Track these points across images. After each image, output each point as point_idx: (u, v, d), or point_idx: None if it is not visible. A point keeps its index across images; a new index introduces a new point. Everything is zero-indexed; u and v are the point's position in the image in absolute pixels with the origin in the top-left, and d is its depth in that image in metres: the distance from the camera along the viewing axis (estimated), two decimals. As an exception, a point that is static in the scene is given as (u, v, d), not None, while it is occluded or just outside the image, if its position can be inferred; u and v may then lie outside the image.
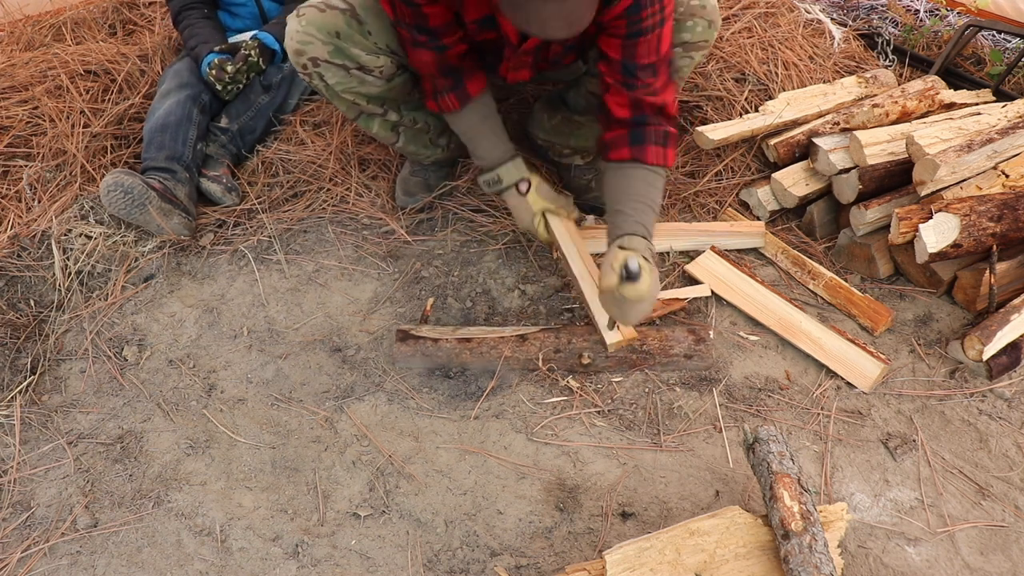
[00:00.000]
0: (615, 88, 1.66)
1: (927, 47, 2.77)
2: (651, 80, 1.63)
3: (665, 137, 1.69)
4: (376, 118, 1.95)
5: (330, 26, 1.71)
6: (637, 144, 1.68)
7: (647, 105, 1.65)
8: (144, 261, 2.06)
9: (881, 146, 2.02)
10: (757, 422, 1.72)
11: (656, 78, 1.64)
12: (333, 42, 1.72)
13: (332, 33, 1.71)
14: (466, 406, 1.76)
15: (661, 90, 1.66)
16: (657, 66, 1.63)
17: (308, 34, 1.71)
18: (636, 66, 1.61)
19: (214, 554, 1.52)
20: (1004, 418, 1.73)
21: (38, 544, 1.53)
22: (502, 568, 1.47)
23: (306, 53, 1.73)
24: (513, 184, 1.89)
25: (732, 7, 2.58)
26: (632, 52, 1.60)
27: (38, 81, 2.41)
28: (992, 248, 1.87)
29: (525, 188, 1.90)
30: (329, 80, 1.77)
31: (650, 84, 1.64)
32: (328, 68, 1.75)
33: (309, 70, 1.76)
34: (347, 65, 1.76)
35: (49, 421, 1.75)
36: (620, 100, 1.67)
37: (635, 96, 1.64)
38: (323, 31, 1.71)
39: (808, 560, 1.25)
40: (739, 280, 1.98)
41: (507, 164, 1.88)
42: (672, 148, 1.71)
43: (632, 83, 1.63)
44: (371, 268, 2.06)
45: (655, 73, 1.63)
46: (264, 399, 1.79)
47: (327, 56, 1.73)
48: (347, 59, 1.75)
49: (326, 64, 1.74)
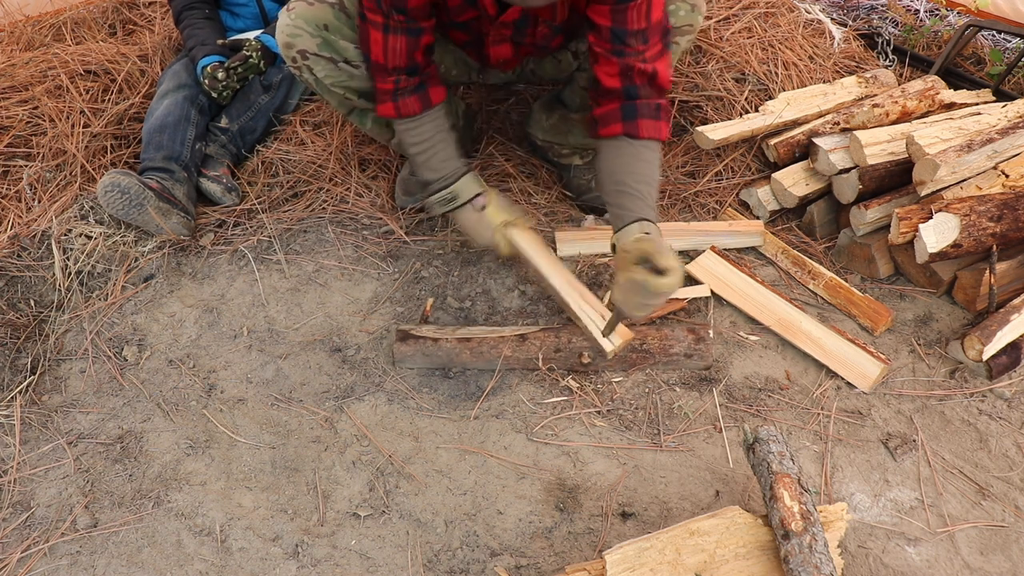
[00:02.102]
0: (604, 57, 1.63)
1: (927, 47, 2.77)
2: (641, 47, 1.60)
3: (657, 110, 1.65)
4: (368, 114, 1.95)
5: (319, 19, 1.71)
6: (629, 119, 1.64)
7: (637, 72, 1.61)
8: (144, 261, 2.06)
9: (881, 146, 2.02)
10: (757, 422, 1.72)
11: (647, 46, 1.60)
12: (321, 35, 1.72)
13: (320, 26, 1.71)
14: (466, 406, 1.76)
15: (652, 59, 1.62)
16: (648, 33, 1.59)
17: (297, 27, 1.71)
18: (626, 32, 1.58)
19: (214, 554, 1.52)
20: (1004, 418, 1.73)
21: (38, 544, 1.53)
22: (502, 568, 1.47)
23: (295, 46, 1.73)
24: (468, 200, 1.82)
25: (732, 7, 2.58)
26: (622, 18, 1.57)
27: (38, 81, 2.41)
28: (992, 248, 1.87)
29: (481, 204, 1.84)
30: (318, 73, 1.77)
31: (640, 51, 1.60)
32: (317, 61, 1.75)
33: (299, 63, 1.76)
34: (335, 58, 1.76)
35: (49, 421, 1.75)
36: (610, 70, 1.63)
37: (624, 63, 1.60)
38: (311, 24, 1.71)
39: (808, 560, 1.25)
40: (739, 280, 1.98)
41: (463, 179, 1.82)
42: (665, 121, 1.67)
43: (621, 49, 1.60)
44: (371, 268, 2.06)
45: (645, 40, 1.60)
46: (264, 399, 1.79)
47: (315, 49, 1.73)
48: (335, 52, 1.75)
49: (315, 57, 1.74)
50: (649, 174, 1.65)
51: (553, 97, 2.15)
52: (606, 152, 1.69)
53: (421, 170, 1.85)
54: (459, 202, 1.83)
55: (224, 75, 2.25)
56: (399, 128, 1.82)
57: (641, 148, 1.65)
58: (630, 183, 1.63)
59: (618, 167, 1.65)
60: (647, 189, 1.63)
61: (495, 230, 1.85)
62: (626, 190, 1.63)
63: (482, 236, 1.87)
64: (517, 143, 2.37)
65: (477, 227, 1.86)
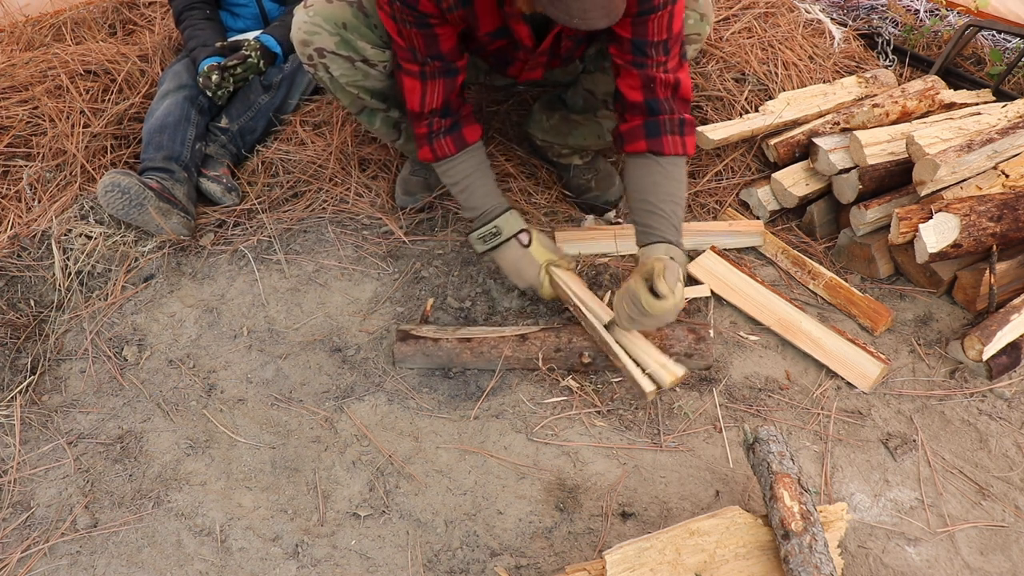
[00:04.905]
0: (625, 69, 1.63)
1: (927, 47, 2.77)
2: (663, 58, 1.60)
3: (681, 125, 1.66)
4: (379, 114, 1.95)
5: (337, 17, 1.71)
6: (653, 136, 1.65)
7: (659, 84, 1.62)
8: (144, 261, 2.06)
9: (881, 146, 2.02)
10: (757, 422, 1.72)
11: (667, 57, 1.61)
12: (340, 33, 1.72)
13: (339, 24, 1.71)
14: (466, 406, 1.76)
15: (674, 69, 1.62)
16: (669, 44, 1.60)
17: (315, 24, 1.70)
18: (646, 43, 1.58)
19: (214, 554, 1.52)
20: (1004, 418, 1.73)
21: (38, 544, 1.53)
22: (502, 568, 1.47)
23: (312, 44, 1.72)
24: (513, 235, 1.80)
25: (732, 7, 2.58)
26: (643, 30, 1.57)
27: (38, 81, 2.41)
28: (992, 248, 1.87)
29: (527, 240, 1.81)
30: (334, 72, 1.77)
31: (662, 62, 1.61)
32: (334, 59, 1.74)
33: (315, 61, 1.75)
34: (352, 57, 1.75)
35: (49, 421, 1.75)
36: (632, 82, 1.63)
37: (646, 74, 1.61)
38: (330, 22, 1.71)
39: (808, 560, 1.25)
40: (739, 280, 1.98)
41: (504, 215, 1.80)
42: (690, 136, 1.68)
43: (642, 61, 1.60)
44: (371, 268, 2.06)
45: (667, 51, 1.60)
46: (264, 399, 1.79)
47: (333, 47, 1.73)
48: (352, 51, 1.74)
49: (332, 55, 1.74)
50: (674, 191, 1.66)
51: (554, 98, 2.15)
52: (632, 169, 1.70)
53: (463, 210, 1.87)
54: (502, 238, 1.80)
55: (218, 77, 2.24)
56: (438, 171, 1.83)
57: (667, 165, 1.66)
58: (655, 202, 1.64)
59: (645, 186, 1.67)
60: (671, 208, 1.64)
61: (540, 268, 1.81)
62: (653, 210, 1.64)
63: (526, 273, 1.82)
64: (517, 143, 2.37)
65: (520, 264, 1.82)
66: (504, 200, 1.84)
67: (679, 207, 1.66)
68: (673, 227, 1.63)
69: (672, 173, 1.67)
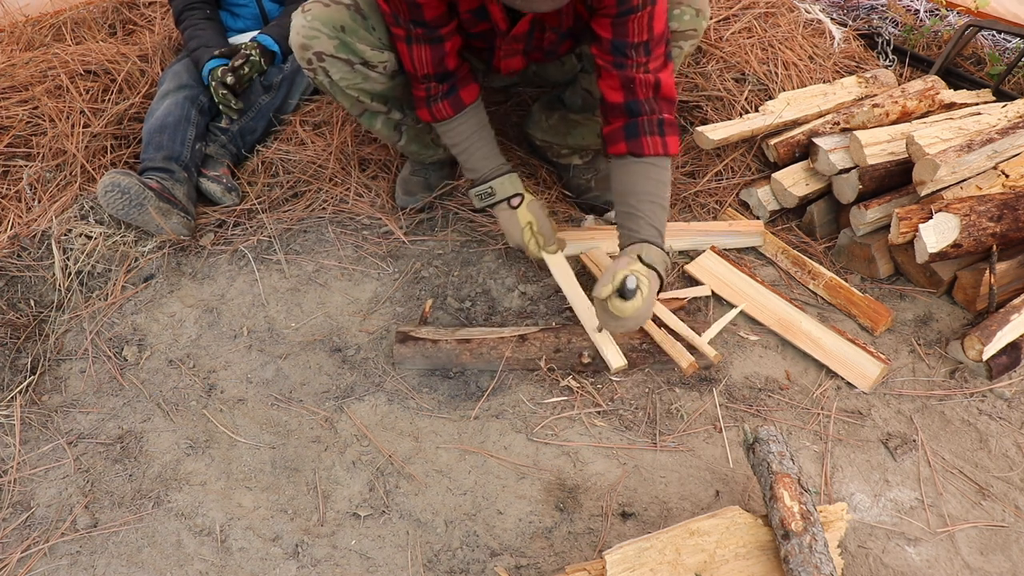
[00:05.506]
0: (606, 71, 1.64)
1: (927, 47, 2.77)
2: (643, 59, 1.61)
3: (660, 125, 1.66)
4: (379, 116, 1.95)
5: (335, 20, 1.71)
6: (632, 138, 1.66)
7: (640, 84, 1.63)
8: (144, 261, 2.06)
9: (881, 146, 2.02)
10: (757, 422, 1.72)
11: (648, 57, 1.61)
12: (339, 36, 1.72)
13: (337, 27, 1.71)
14: (466, 406, 1.76)
15: (655, 70, 1.63)
16: (650, 45, 1.60)
17: (314, 28, 1.71)
18: (626, 44, 1.59)
19: (214, 554, 1.52)
20: (1004, 418, 1.73)
21: (38, 544, 1.53)
22: (502, 568, 1.47)
23: (312, 48, 1.72)
24: (506, 198, 1.87)
25: (732, 7, 2.58)
26: (623, 31, 1.58)
27: (38, 81, 2.41)
28: (992, 248, 1.87)
29: (517, 202, 1.88)
30: (334, 75, 1.77)
31: (642, 63, 1.61)
32: (333, 63, 1.75)
33: (314, 65, 1.75)
34: (351, 60, 1.75)
35: (49, 421, 1.75)
36: (612, 83, 1.65)
37: (625, 75, 1.62)
38: (328, 25, 1.71)
39: (808, 560, 1.25)
40: (739, 280, 1.98)
41: (501, 177, 1.87)
42: (672, 135, 1.68)
43: (622, 62, 1.61)
44: (371, 268, 2.06)
45: (647, 52, 1.61)
46: (264, 399, 1.79)
47: (332, 51, 1.73)
48: (352, 54, 1.74)
49: (331, 59, 1.74)
50: (655, 192, 1.68)
51: (554, 98, 2.15)
52: (615, 171, 1.73)
53: (464, 170, 1.92)
54: (496, 199, 1.87)
55: (233, 78, 2.23)
56: (438, 131, 1.88)
57: (647, 166, 1.68)
58: (635, 204, 1.67)
59: (626, 188, 1.69)
60: (650, 208, 1.66)
61: (522, 229, 1.89)
62: (632, 211, 1.67)
63: (513, 235, 1.91)
64: (517, 143, 2.37)
65: (508, 224, 1.91)
66: (502, 161, 1.90)
67: (659, 207, 1.67)
68: (652, 227, 1.65)
69: (652, 174, 1.68)
